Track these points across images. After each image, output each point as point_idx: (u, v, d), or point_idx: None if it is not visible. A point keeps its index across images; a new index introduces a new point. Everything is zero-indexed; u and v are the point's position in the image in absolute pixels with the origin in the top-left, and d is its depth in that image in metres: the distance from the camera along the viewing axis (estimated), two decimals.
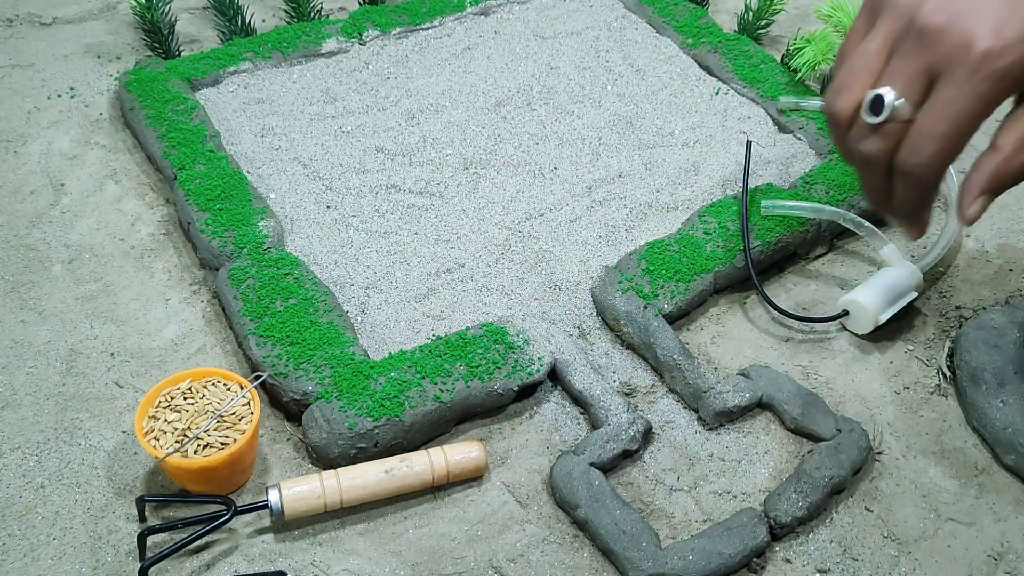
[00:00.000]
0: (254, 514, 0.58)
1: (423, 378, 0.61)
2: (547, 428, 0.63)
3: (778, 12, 0.96)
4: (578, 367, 0.64)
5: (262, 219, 0.73)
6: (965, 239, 0.78)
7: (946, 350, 0.68)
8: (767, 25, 0.97)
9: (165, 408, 0.58)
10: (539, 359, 0.64)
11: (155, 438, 0.56)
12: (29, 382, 0.65)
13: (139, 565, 0.54)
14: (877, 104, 0.42)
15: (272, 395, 0.64)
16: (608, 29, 0.98)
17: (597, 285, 0.70)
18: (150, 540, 0.56)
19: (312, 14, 0.97)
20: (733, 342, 0.69)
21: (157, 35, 0.91)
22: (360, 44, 0.94)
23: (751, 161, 0.79)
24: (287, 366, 0.62)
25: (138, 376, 0.66)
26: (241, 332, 0.65)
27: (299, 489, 0.56)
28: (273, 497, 0.56)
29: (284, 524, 0.57)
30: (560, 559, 0.56)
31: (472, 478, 0.60)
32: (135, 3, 0.90)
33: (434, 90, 0.89)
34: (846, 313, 0.69)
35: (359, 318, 0.69)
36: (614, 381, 0.66)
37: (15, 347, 0.67)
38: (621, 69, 0.93)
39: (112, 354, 0.67)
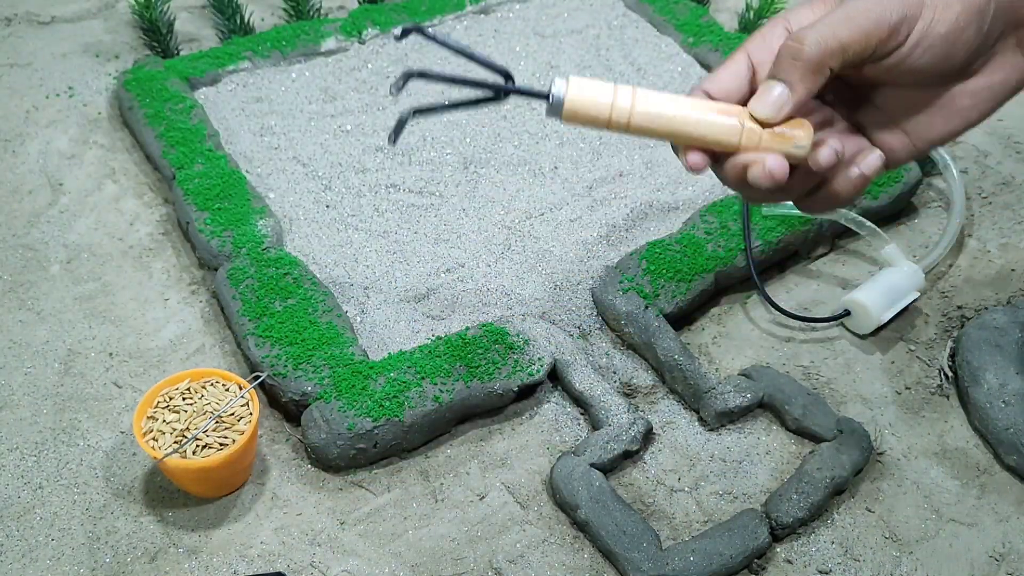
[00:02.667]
0: (255, 513, 0.58)
1: (423, 378, 0.61)
2: (547, 429, 0.63)
3: (779, 10, 0.96)
4: (578, 367, 0.64)
5: (261, 219, 0.72)
6: (967, 239, 0.78)
7: (948, 350, 0.68)
8: None
9: (164, 408, 0.57)
10: (539, 359, 0.64)
11: (153, 438, 0.56)
12: (27, 382, 0.65)
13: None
14: None
15: (271, 395, 0.64)
16: (608, 28, 0.97)
17: (597, 285, 0.70)
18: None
19: (311, 13, 0.96)
20: (734, 342, 0.69)
21: (156, 34, 0.91)
22: (359, 43, 0.94)
23: None
24: (286, 366, 0.62)
25: (137, 376, 0.65)
26: (240, 332, 0.65)
27: (588, 92, 0.44)
28: (558, 89, 0.43)
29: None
30: (560, 560, 0.56)
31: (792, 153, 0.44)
32: (134, 2, 0.89)
33: (433, 89, 0.89)
34: (847, 313, 0.69)
35: (359, 318, 0.69)
36: (615, 381, 0.66)
37: (13, 347, 0.67)
38: (622, 68, 0.92)
39: (110, 354, 0.67)
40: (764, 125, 0.43)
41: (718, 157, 0.45)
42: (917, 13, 0.42)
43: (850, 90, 0.46)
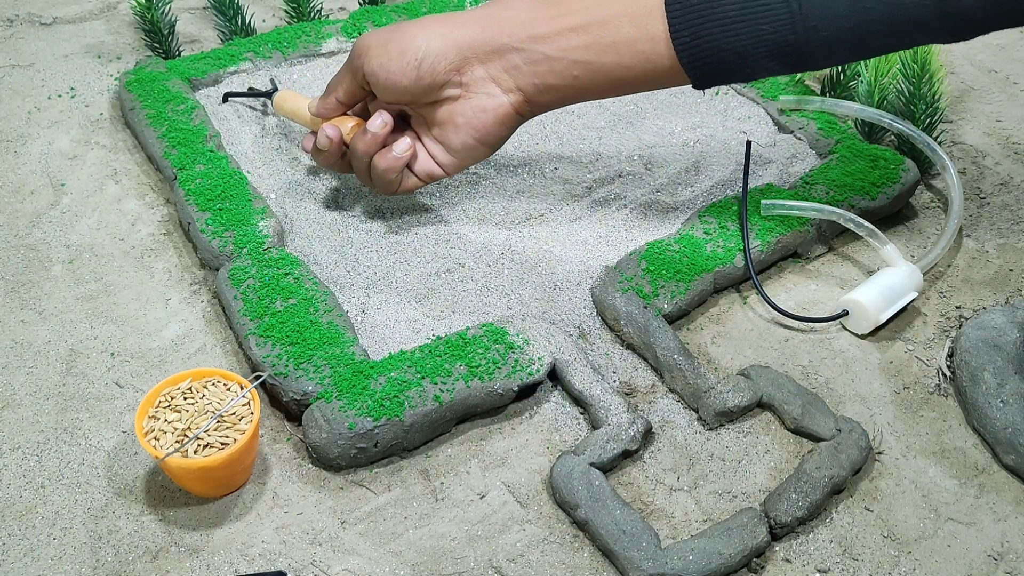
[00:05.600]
0: (256, 513, 0.58)
1: (423, 378, 0.61)
2: (547, 428, 0.63)
3: None
4: (578, 367, 0.64)
5: (262, 219, 0.73)
6: (965, 239, 0.78)
7: (946, 350, 0.68)
8: None
9: (165, 408, 0.58)
10: (539, 359, 0.64)
11: (155, 438, 0.56)
12: (29, 382, 0.65)
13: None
14: None
15: (272, 395, 0.64)
16: None
17: (597, 285, 0.70)
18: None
19: (312, 14, 0.97)
20: (733, 342, 0.69)
21: (157, 35, 0.91)
22: None
23: (751, 161, 0.79)
24: (287, 366, 0.62)
25: (138, 376, 0.66)
26: (241, 332, 0.65)
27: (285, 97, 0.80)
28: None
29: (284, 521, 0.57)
30: (560, 559, 0.56)
31: None
32: (135, 3, 0.90)
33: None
34: (846, 313, 0.69)
35: (359, 318, 0.69)
36: (614, 381, 0.66)
37: (15, 347, 0.67)
38: None
39: (112, 354, 0.67)
40: (327, 120, 0.73)
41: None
42: (360, 64, 0.67)
43: (415, 115, 0.70)
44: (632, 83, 0.62)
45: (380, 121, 0.68)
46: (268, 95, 0.83)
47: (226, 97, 0.86)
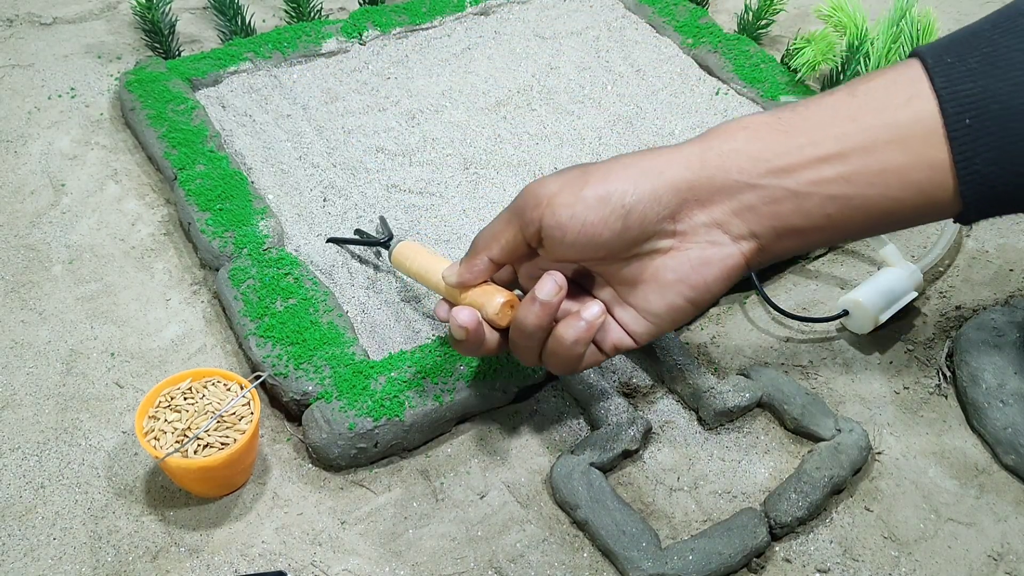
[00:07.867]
0: (256, 513, 0.58)
1: (423, 378, 0.61)
2: (547, 428, 0.63)
3: (778, 12, 0.96)
4: None
5: (262, 219, 0.73)
6: (965, 239, 0.78)
7: (946, 350, 0.68)
8: (767, 25, 0.97)
9: (165, 408, 0.58)
10: None
11: (155, 438, 0.56)
12: (29, 382, 0.65)
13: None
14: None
15: (272, 395, 0.64)
16: (608, 29, 0.98)
17: None
18: None
19: (312, 14, 0.97)
20: (733, 342, 0.69)
21: (157, 35, 0.91)
22: (360, 44, 0.94)
23: None
24: (287, 366, 0.62)
25: (138, 376, 0.66)
26: (241, 332, 0.65)
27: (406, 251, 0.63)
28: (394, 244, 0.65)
29: (284, 524, 0.57)
30: (560, 559, 0.56)
31: None
32: (135, 3, 0.90)
33: (434, 90, 0.89)
34: (846, 313, 0.69)
35: (359, 318, 0.69)
36: (614, 381, 0.66)
37: (15, 347, 0.67)
38: (621, 69, 0.93)
39: (112, 354, 0.67)
40: (468, 288, 0.56)
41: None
42: (536, 216, 0.52)
43: (599, 275, 0.56)
44: (897, 219, 0.52)
45: (554, 285, 0.53)
46: (383, 244, 0.72)
47: (331, 242, 0.74)
